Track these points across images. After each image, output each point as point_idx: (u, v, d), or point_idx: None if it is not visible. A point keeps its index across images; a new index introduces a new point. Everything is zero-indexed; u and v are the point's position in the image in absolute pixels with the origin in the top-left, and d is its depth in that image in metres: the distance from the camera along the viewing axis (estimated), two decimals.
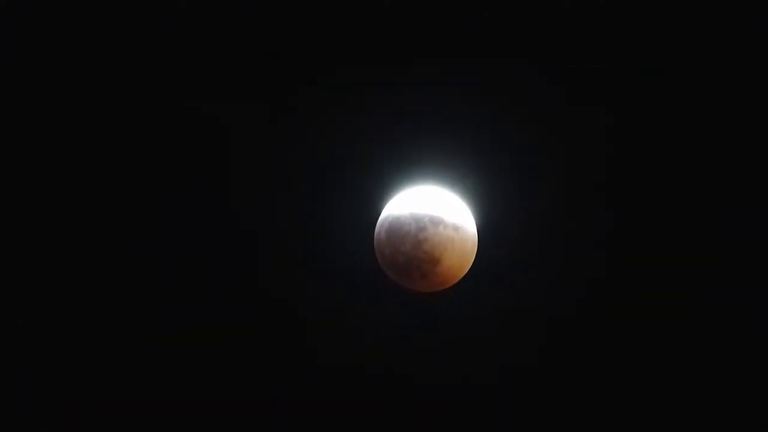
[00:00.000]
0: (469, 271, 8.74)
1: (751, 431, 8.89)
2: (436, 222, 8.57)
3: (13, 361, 9.16)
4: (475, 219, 8.75)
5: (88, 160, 9.19)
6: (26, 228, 9.17)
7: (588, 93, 8.82)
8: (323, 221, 9.14)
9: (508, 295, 9.08)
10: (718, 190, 8.89)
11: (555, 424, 9.13)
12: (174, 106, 9.12)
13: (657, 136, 8.88)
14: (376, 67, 8.91)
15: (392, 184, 8.82)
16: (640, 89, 8.81)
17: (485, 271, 8.89)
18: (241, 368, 9.31)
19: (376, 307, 9.12)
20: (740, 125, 8.78)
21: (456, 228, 8.62)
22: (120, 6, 8.95)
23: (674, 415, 9.03)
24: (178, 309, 9.29)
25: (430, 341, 9.16)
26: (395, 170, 8.90)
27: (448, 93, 8.91)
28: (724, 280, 8.90)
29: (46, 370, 9.21)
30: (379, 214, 8.76)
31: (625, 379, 9.06)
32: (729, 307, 8.89)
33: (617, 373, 9.05)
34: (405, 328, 9.16)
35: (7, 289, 9.17)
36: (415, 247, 8.53)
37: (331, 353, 9.23)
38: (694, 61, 8.70)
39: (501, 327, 9.10)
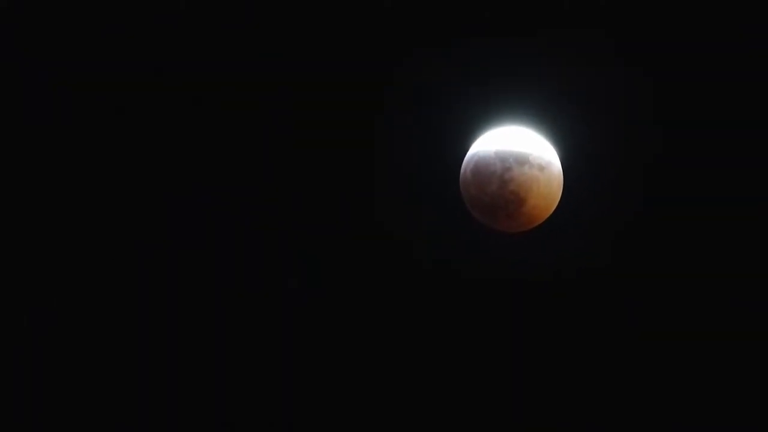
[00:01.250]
0: (554, 211, 8.72)
1: None
2: (521, 162, 8.52)
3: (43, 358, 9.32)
4: (561, 158, 8.69)
5: (89, 159, 9.27)
6: (29, 228, 9.27)
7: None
8: (409, 160, 9.14)
9: (594, 236, 9.03)
10: None
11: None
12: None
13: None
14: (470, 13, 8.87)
15: (479, 123, 8.78)
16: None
17: (571, 211, 8.85)
18: (329, 317, 9.42)
19: (460, 246, 9.13)
20: None
21: (541, 168, 8.56)
22: (120, 6, 8.98)
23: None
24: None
25: (514, 281, 9.16)
26: (482, 109, 8.85)
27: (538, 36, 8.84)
28: None
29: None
30: (465, 153, 8.75)
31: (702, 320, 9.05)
32: None
33: (699, 314, 9.02)
34: (489, 267, 9.15)
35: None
36: (500, 187, 8.51)
37: (415, 294, 9.29)
38: None
39: (586, 267, 9.06)
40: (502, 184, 8.51)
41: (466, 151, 8.74)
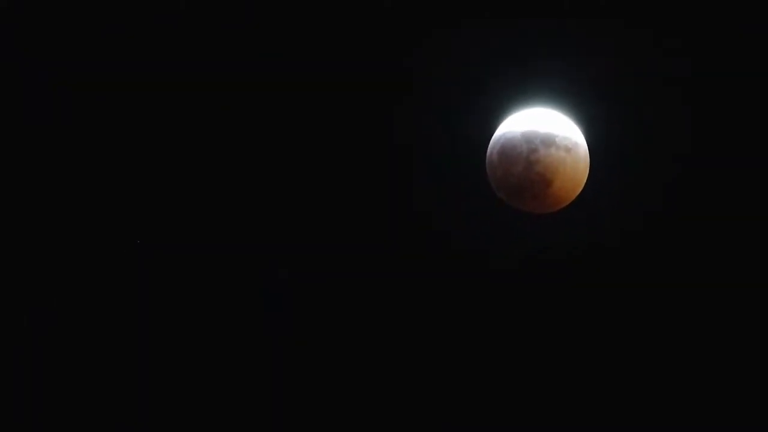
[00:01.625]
0: (580, 192, 8.73)
1: None
2: (547, 143, 8.54)
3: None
4: (587, 140, 8.72)
5: (89, 159, 9.25)
6: (29, 228, 9.23)
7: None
8: (436, 143, 9.13)
9: (620, 217, 9.05)
10: None
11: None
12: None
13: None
14: None
15: (505, 105, 8.79)
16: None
17: (597, 193, 8.87)
18: (357, 297, 9.39)
19: (487, 228, 9.11)
20: None
21: (568, 149, 8.58)
22: (120, 6, 9.00)
23: None
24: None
25: (540, 263, 9.15)
26: (508, 91, 8.87)
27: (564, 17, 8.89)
28: None
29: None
30: (491, 135, 8.76)
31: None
32: None
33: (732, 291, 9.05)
34: (516, 249, 9.15)
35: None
36: (526, 169, 8.52)
37: (441, 275, 9.25)
38: None
39: (612, 249, 9.07)
40: (529, 165, 8.51)
41: (493, 132, 8.75)
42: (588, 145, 8.70)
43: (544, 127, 8.59)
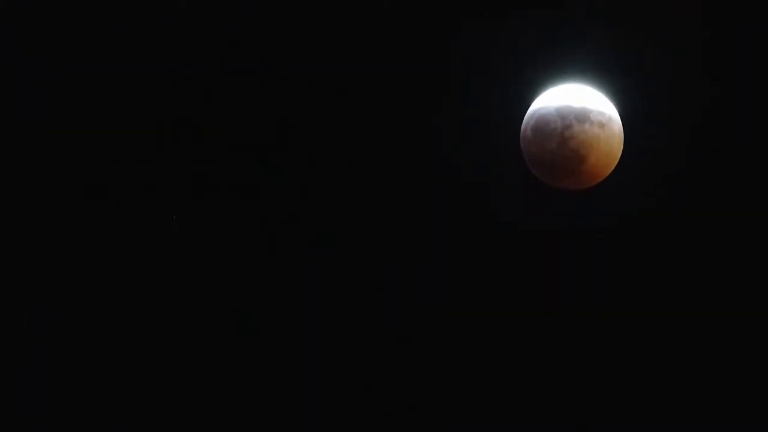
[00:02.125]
0: (614, 168, 8.70)
1: None
2: (582, 120, 8.51)
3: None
4: (622, 115, 8.68)
5: (88, 159, 9.23)
6: (29, 228, 9.23)
7: None
8: (470, 119, 9.09)
9: (654, 193, 9.03)
10: None
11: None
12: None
13: None
14: None
15: (539, 81, 8.75)
16: None
17: (631, 169, 8.84)
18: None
19: (521, 204, 9.09)
20: None
21: (602, 125, 8.56)
22: (120, 6, 8.98)
23: None
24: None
25: (574, 239, 9.13)
26: (542, 67, 8.83)
27: None
28: None
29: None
30: (525, 112, 8.72)
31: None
32: None
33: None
34: (549, 225, 9.12)
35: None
36: (560, 145, 8.49)
37: (474, 251, 9.22)
38: None
39: (646, 225, 9.05)
40: (563, 141, 8.49)
41: (527, 108, 8.71)
42: (623, 121, 8.67)
43: (579, 102, 8.56)
